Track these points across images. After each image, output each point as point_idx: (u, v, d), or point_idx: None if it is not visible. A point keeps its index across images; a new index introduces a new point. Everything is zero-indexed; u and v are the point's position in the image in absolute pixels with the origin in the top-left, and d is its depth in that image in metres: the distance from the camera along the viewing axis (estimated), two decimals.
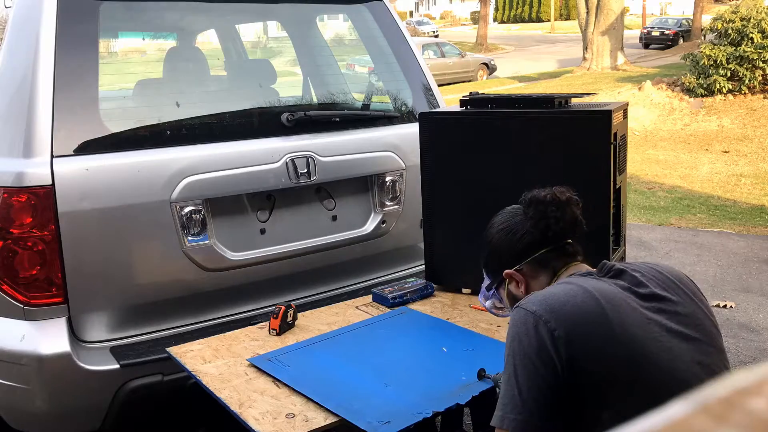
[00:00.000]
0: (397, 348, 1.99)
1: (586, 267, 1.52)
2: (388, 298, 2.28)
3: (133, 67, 2.98)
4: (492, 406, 1.35)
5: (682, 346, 1.30)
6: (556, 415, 1.25)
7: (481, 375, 1.74)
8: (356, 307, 2.32)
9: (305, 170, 2.48)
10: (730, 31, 11.57)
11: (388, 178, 2.74)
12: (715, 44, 11.85)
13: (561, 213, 1.51)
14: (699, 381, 1.26)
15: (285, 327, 2.10)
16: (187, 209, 2.27)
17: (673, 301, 1.36)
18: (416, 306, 2.30)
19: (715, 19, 12.15)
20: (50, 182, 2.04)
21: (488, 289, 1.66)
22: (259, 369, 1.85)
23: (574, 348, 1.25)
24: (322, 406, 1.63)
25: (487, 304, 1.70)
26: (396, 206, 2.77)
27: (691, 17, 26.84)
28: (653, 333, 1.29)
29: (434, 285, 2.40)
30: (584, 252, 1.58)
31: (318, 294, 2.61)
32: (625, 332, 1.27)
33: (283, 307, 2.11)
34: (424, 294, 2.34)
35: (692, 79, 11.97)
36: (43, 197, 2.04)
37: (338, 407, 1.61)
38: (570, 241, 1.54)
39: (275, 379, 1.79)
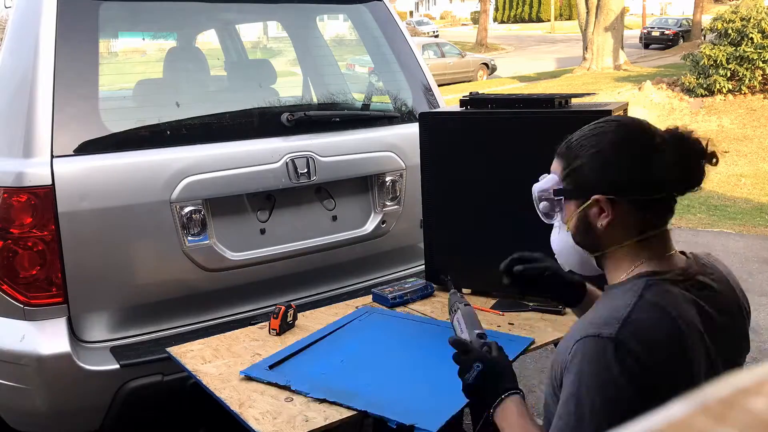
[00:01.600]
0: (389, 348, 1.98)
1: (669, 241, 1.30)
2: (388, 299, 2.28)
3: (133, 67, 2.98)
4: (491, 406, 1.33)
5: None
6: None
7: (447, 281, 1.65)
8: (356, 307, 2.32)
9: (305, 170, 2.48)
10: (730, 31, 11.57)
11: (388, 178, 2.74)
12: (715, 44, 11.85)
13: (701, 166, 1.25)
14: None
15: (285, 327, 2.10)
16: (187, 209, 2.27)
17: (736, 328, 1.28)
18: (416, 306, 2.30)
19: (715, 19, 12.15)
20: (50, 182, 2.04)
21: (557, 193, 1.33)
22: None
23: (657, 380, 1.12)
24: (321, 406, 1.63)
25: (542, 205, 1.39)
26: (396, 206, 2.77)
27: (691, 17, 26.84)
28: (721, 365, 1.21)
29: (434, 285, 2.40)
30: None
31: (318, 294, 2.61)
32: (705, 370, 1.17)
33: (283, 307, 2.11)
34: (424, 294, 2.34)
35: (692, 79, 11.97)
36: (43, 197, 2.04)
37: (369, 406, 1.59)
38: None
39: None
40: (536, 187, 1.39)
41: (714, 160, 1.25)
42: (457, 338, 1.46)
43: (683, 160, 1.22)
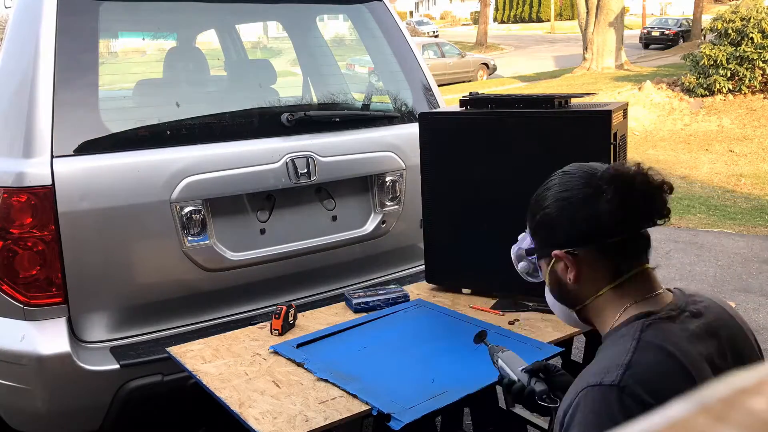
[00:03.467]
0: (415, 340, 2.03)
1: (654, 279, 1.24)
2: (353, 304, 2.27)
3: (133, 67, 2.97)
4: (491, 407, 1.34)
5: None
6: None
7: (482, 337, 1.64)
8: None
9: (305, 170, 2.48)
10: (730, 31, 11.57)
11: (388, 178, 2.74)
12: (715, 44, 11.85)
13: (650, 200, 1.18)
14: None
15: (287, 327, 2.10)
16: (187, 209, 2.27)
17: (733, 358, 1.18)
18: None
19: (715, 19, 12.15)
20: (50, 182, 2.04)
21: (529, 254, 1.35)
22: (259, 368, 1.85)
23: None
24: (321, 406, 1.63)
25: (520, 266, 1.40)
26: (396, 206, 2.77)
27: (691, 17, 26.84)
28: None
29: (409, 294, 2.36)
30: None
31: (318, 294, 2.61)
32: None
33: (284, 308, 2.11)
34: (394, 303, 2.30)
35: (692, 79, 11.98)
36: (43, 197, 2.04)
37: (361, 391, 1.66)
38: (646, 233, 1.24)
39: (275, 379, 1.79)
40: (513, 250, 1.39)
41: (666, 187, 1.19)
42: (508, 383, 1.46)
43: (627, 199, 1.17)
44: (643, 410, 1.01)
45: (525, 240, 1.37)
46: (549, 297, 1.35)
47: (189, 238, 2.28)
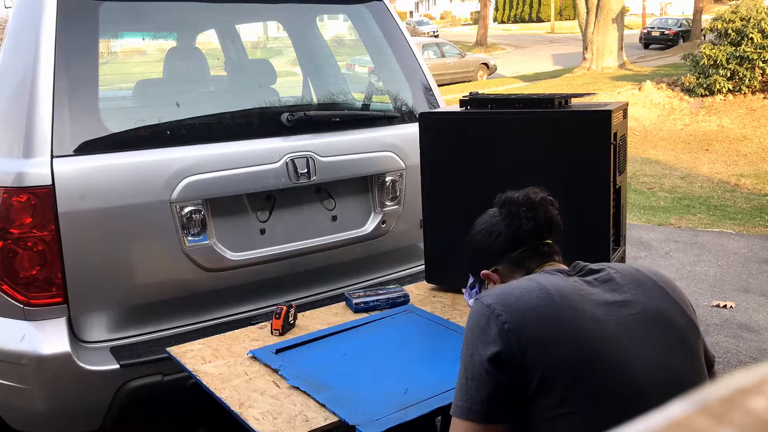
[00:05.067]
0: (398, 348, 2.00)
1: (561, 266, 1.51)
2: (353, 304, 2.27)
3: (133, 67, 2.97)
4: None
5: (644, 350, 1.27)
6: (498, 407, 1.25)
7: None
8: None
9: (305, 170, 2.48)
10: (730, 31, 11.58)
11: (388, 178, 2.74)
12: (715, 44, 11.85)
13: (533, 213, 1.53)
14: (658, 388, 1.23)
15: (287, 327, 2.10)
16: (187, 209, 2.27)
17: (640, 302, 1.33)
18: (416, 305, 2.30)
19: (715, 19, 12.16)
20: (50, 182, 2.04)
21: (471, 287, 1.70)
22: (259, 368, 1.85)
23: (522, 342, 1.24)
24: (321, 406, 1.63)
25: (471, 302, 1.66)
26: (396, 206, 2.77)
27: (691, 17, 26.84)
28: (609, 333, 1.26)
29: (409, 294, 2.36)
30: (563, 251, 1.56)
31: (318, 294, 2.61)
32: (579, 331, 1.25)
33: (284, 308, 2.11)
34: (395, 303, 2.30)
35: (692, 79, 11.98)
36: (43, 197, 2.04)
37: (329, 401, 1.64)
38: (549, 241, 1.55)
39: (275, 379, 1.79)
40: (465, 294, 1.76)
41: (550, 201, 1.55)
42: None
43: (515, 218, 1.53)
44: (499, 325, 1.26)
45: (469, 282, 1.72)
46: None
47: (189, 238, 2.28)
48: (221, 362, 1.90)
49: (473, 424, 1.25)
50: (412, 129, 2.48)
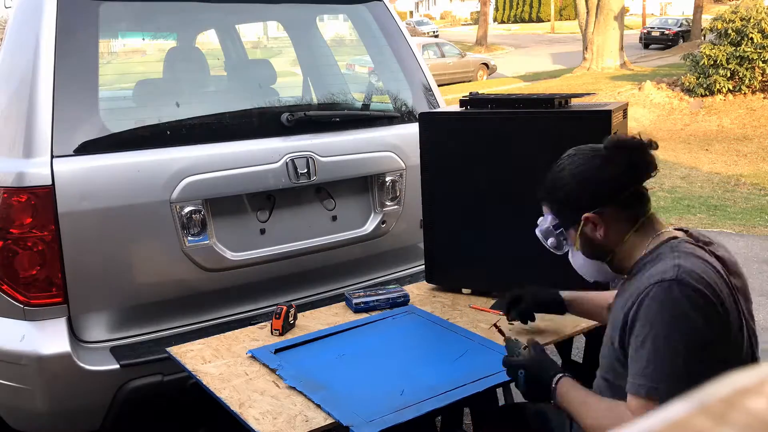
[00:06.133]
0: (397, 348, 2.00)
1: (660, 220, 1.54)
2: (353, 304, 2.27)
3: (133, 67, 2.97)
4: (491, 407, 1.35)
5: (746, 333, 1.42)
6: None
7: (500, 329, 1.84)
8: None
9: (305, 170, 2.48)
10: (730, 31, 11.57)
11: (388, 178, 2.74)
12: (715, 44, 11.85)
13: (647, 155, 1.49)
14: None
15: (287, 327, 2.10)
16: (187, 209, 2.27)
17: (743, 285, 1.47)
18: (416, 305, 2.30)
19: (715, 19, 12.15)
20: (50, 182, 2.04)
21: (556, 227, 1.59)
22: (259, 368, 1.85)
23: (727, 318, 1.34)
24: (318, 406, 1.63)
25: (549, 242, 1.62)
26: (396, 206, 2.77)
27: (691, 17, 26.84)
28: (735, 313, 1.39)
29: (409, 294, 2.35)
30: None
31: (318, 294, 2.61)
32: (730, 308, 1.37)
33: (284, 308, 2.11)
34: (395, 303, 2.30)
35: (692, 79, 11.98)
36: (43, 197, 2.04)
37: (325, 401, 1.63)
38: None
39: (275, 379, 1.79)
40: (539, 231, 1.63)
41: (654, 145, 1.50)
42: (503, 359, 1.67)
43: (628, 157, 1.48)
44: (700, 296, 1.31)
45: (547, 220, 1.60)
46: (578, 260, 1.60)
47: (189, 238, 2.28)
48: (221, 362, 1.90)
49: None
50: (412, 129, 2.48)
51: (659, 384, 1.30)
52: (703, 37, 13.75)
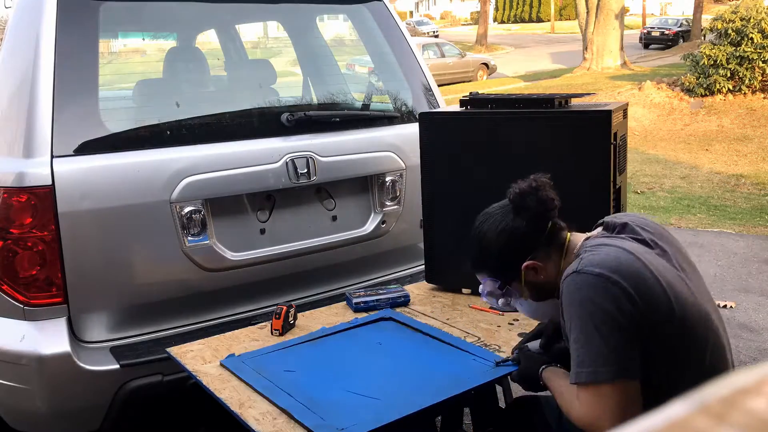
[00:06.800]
0: (372, 355, 1.96)
1: (577, 233, 1.65)
2: (353, 303, 2.26)
3: (133, 67, 2.97)
4: (491, 407, 1.35)
5: (691, 283, 1.50)
6: (637, 367, 1.37)
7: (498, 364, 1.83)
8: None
9: (305, 170, 2.48)
10: (730, 31, 11.57)
11: (388, 178, 2.74)
12: (715, 44, 11.85)
13: (549, 191, 1.61)
14: (712, 307, 1.52)
15: (287, 327, 2.10)
16: (187, 209, 2.27)
17: (668, 246, 1.56)
18: (417, 307, 2.30)
19: (715, 19, 12.15)
20: (50, 182, 2.04)
21: (501, 288, 1.67)
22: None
23: (640, 301, 1.38)
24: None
25: (500, 302, 1.72)
26: (396, 206, 2.77)
27: (691, 17, 26.84)
28: (674, 274, 1.47)
29: (410, 294, 2.35)
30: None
31: (318, 294, 2.61)
32: (663, 279, 1.42)
33: (284, 308, 2.11)
34: (395, 303, 2.29)
35: (692, 79, 11.98)
36: (43, 197, 2.04)
37: (294, 408, 1.61)
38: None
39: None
40: (485, 296, 1.71)
41: (549, 182, 1.62)
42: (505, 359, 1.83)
43: (535, 199, 1.58)
44: (621, 290, 1.38)
45: (487, 285, 1.68)
46: (530, 307, 1.68)
47: (189, 238, 2.28)
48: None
49: (632, 381, 1.37)
50: (412, 129, 2.48)
51: (589, 368, 1.38)
52: (703, 37, 13.75)
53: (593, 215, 1.77)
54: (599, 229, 1.64)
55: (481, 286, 1.71)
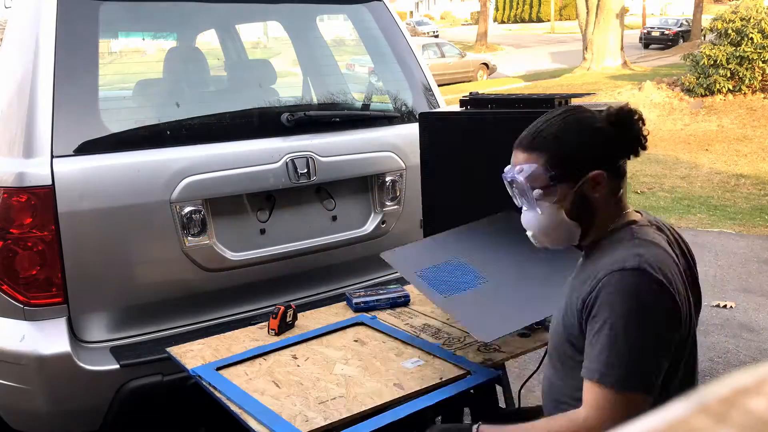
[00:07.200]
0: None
1: (626, 200, 1.55)
2: (353, 303, 2.26)
3: (133, 67, 2.97)
4: (491, 407, 1.35)
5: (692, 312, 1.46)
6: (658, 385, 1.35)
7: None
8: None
9: (305, 170, 2.48)
10: (730, 31, 11.57)
11: (388, 178, 2.74)
12: (715, 44, 11.85)
13: (644, 130, 1.48)
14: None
15: (284, 327, 2.10)
16: (187, 209, 2.27)
17: (691, 267, 1.54)
18: (417, 307, 2.30)
19: (715, 19, 12.15)
20: (50, 182, 2.04)
21: (552, 180, 1.46)
22: (259, 368, 1.85)
23: (683, 327, 1.38)
24: (321, 406, 1.63)
25: (535, 193, 1.49)
26: (396, 206, 2.77)
27: (691, 17, 26.84)
28: (685, 296, 1.42)
29: (410, 294, 2.33)
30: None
31: (318, 294, 2.61)
32: (684, 294, 1.40)
33: (282, 307, 2.11)
34: (395, 303, 2.29)
35: (692, 79, 11.97)
36: (43, 197, 2.04)
37: (262, 414, 1.60)
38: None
39: (275, 379, 1.79)
40: (521, 178, 1.50)
41: (641, 122, 1.48)
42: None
43: (629, 128, 1.46)
44: (657, 285, 1.32)
45: (536, 170, 1.48)
46: (550, 219, 1.48)
47: (189, 238, 2.28)
48: None
49: (650, 397, 1.32)
50: (412, 129, 2.48)
51: (611, 371, 1.31)
52: (703, 37, 13.73)
53: None
54: (639, 215, 1.52)
55: (518, 167, 1.51)
